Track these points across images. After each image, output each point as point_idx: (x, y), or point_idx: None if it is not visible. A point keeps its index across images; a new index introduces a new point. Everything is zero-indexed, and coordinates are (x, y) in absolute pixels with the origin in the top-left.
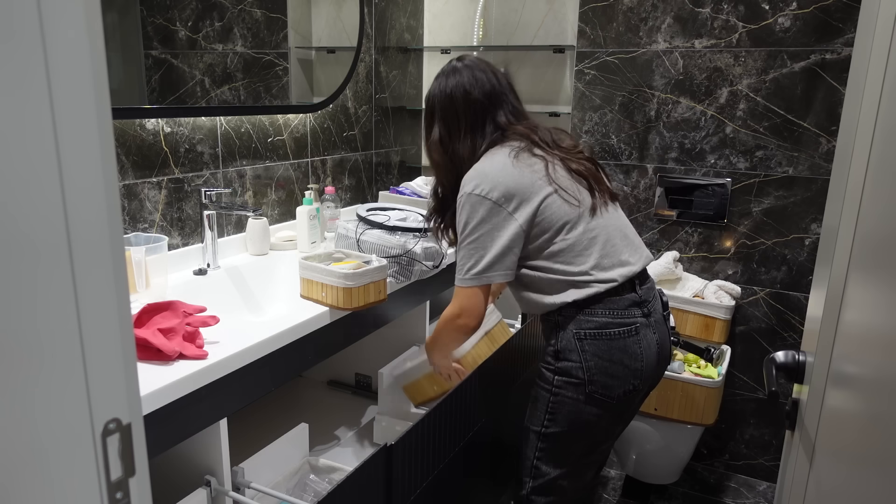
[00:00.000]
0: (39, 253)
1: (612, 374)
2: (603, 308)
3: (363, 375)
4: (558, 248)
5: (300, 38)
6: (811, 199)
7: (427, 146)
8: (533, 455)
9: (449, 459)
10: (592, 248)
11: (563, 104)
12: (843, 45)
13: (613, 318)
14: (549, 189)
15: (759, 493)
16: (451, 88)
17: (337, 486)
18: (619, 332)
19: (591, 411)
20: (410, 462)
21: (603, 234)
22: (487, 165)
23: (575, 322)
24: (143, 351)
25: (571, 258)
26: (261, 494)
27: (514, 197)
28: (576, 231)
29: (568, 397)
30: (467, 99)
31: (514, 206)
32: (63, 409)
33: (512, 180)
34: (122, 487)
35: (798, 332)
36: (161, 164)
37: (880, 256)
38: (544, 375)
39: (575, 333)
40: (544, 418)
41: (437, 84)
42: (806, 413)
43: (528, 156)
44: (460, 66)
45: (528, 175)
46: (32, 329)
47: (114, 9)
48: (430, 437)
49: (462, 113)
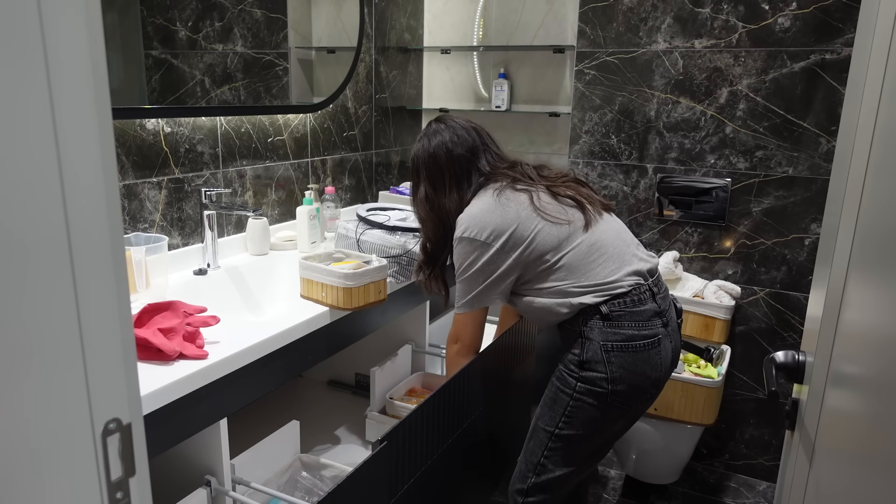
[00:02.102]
0: (40, 253)
1: (634, 385)
2: (629, 321)
3: (363, 375)
4: (559, 266)
5: (300, 38)
6: (811, 199)
7: (414, 204)
8: (541, 453)
9: (439, 454)
10: (592, 261)
11: (563, 104)
12: (842, 45)
13: (639, 331)
14: (536, 219)
15: (758, 493)
16: (433, 148)
17: (337, 487)
18: (643, 345)
19: (609, 417)
20: (402, 456)
21: (600, 245)
22: (476, 208)
23: (601, 333)
24: (143, 351)
25: (575, 274)
26: (259, 493)
27: (503, 234)
28: (572, 248)
29: (588, 404)
30: (450, 156)
31: (504, 243)
32: (63, 409)
33: (499, 218)
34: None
35: (798, 332)
36: (161, 164)
37: (880, 256)
38: (567, 381)
39: (602, 345)
40: (560, 420)
41: (421, 145)
42: (806, 413)
43: (511, 191)
44: (442, 127)
45: (514, 209)
46: (33, 329)
47: (114, 9)
48: (421, 432)
49: (446, 169)
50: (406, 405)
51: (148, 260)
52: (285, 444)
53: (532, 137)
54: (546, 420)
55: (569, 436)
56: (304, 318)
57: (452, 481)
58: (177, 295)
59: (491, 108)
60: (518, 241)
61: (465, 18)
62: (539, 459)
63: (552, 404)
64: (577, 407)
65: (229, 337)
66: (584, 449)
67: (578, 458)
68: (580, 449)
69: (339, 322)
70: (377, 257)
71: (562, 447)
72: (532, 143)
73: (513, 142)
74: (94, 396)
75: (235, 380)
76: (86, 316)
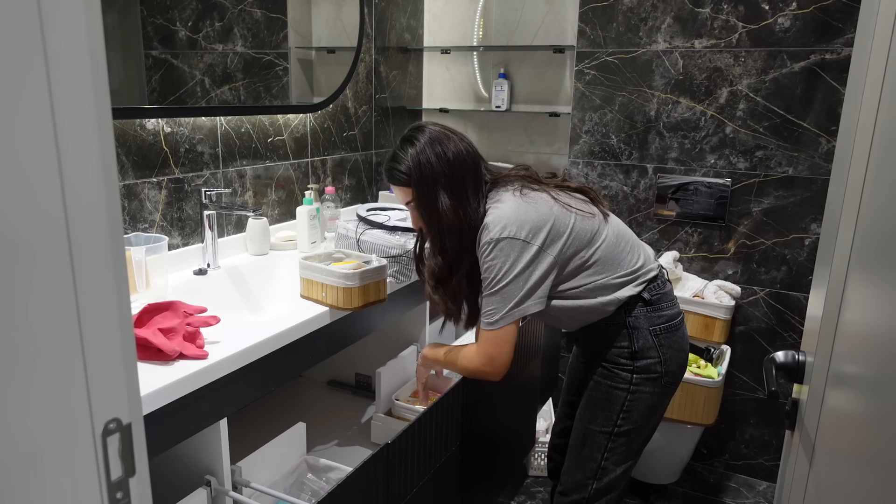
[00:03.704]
0: (40, 253)
1: (680, 362)
2: (666, 301)
3: (363, 375)
4: (594, 261)
5: (300, 38)
6: (811, 199)
7: (437, 216)
8: (601, 456)
9: (446, 458)
10: (620, 250)
11: (563, 104)
12: (842, 46)
13: (672, 309)
14: (567, 214)
15: (758, 493)
16: (450, 155)
17: (337, 486)
18: (678, 322)
19: (663, 401)
20: (407, 461)
21: (621, 234)
22: (506, 209)
23: (647, 320)
24: (143, 351)
25: (610, 266)
26: (260, 494)
27: (541, 230)
28: (603, 239)
29: (646, 392)
30: (463, 165)
31: (543, 240)
32: (63, 409)
33: (534, 215)
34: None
35: (798, 332)
36: (161, 164)
37: (880, 256)
38: (620, 376)
39: (651, 331)
40: (618, 418)
41: (432, 152)
42: (806, 413)
43: (530, 190)
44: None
45: (544, 206)
46: (33, 329)
47: (114, 9)
48: (427, 436)
49: (468, 176)
50: (412, 407)
51: (148, 260)
52: (292, 446)
53: (532, 137)
54: (601, 422)
55: (628, 430)
56: (304, 318)
57: (457, 484)
58: (177, 295)
59: (491, 108)
60: (556, 236)
61: (465, 18)
62: (599, 463)
63: (605, 404)
64: (635, 399)
65: (229, 337)
66: (640, 439)
67: (636, 449)
68: (638, 441)
69: (339, 322)
70: (377, 257)
71: (622, 443)
72: (532, 143)
73: (513, 142)
74: (94, 396)
75: (235, 380)
76: (86, 316)
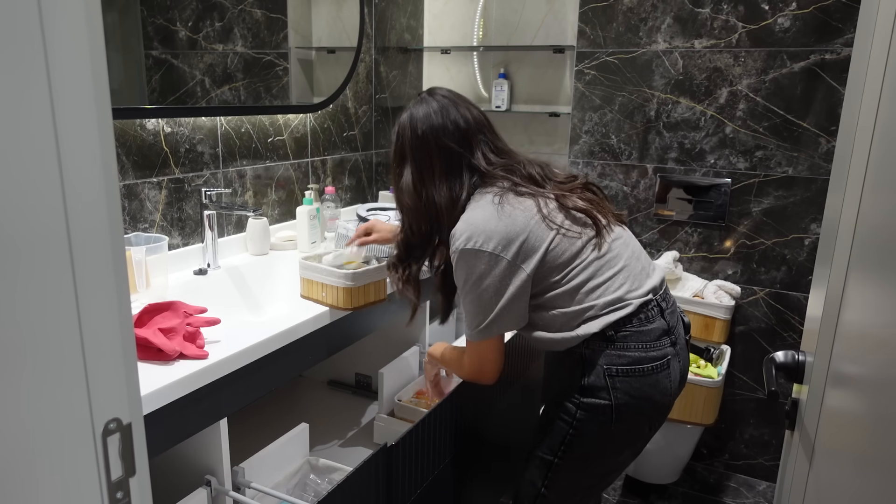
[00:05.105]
0: (41, 253)
1: (640, 412)
2: (634, 342)
3: (363, 375)
4: (570, 285)
5: (300, 39)
6: (811, 199)
7: (397, 189)
8: (541, 483)
9: (449, 460)
10: (603, 279)
11: (563, 104)
12: (842, 46)
13: (646, 353)
14: (547, 230)
15: (758, 493)
16: (421, 130)
17: (337, 486)
18: (650, 368)
19: (612, 448)
20: (410, 462)
21: (612, 261)
22: (477, 215)
23: (605, 357)
24: (143, 351)
25: (584, 292)
26: (261, 494)
27: (512, 243)
28: (583, 265)
29: (589, 431)
30: (439, 143)
31: (516, 253)
32: (64, 409)
33: (504, 227)
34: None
35: (798, 332)
36: (161, 164)
37: (880, 256)
38: (566, 408)
39: (606, 370)
40: (558, 450)
41: (408, 120)
42: (805, 413)
43: (514, 196)
44: (434, 105)
45: (521, 217)
46: (33, 329)
47: (114, 9)
48: (430, 437)
49: (435, 158)
50: (415, 407)
51: (148, 260)
52: (295, 446)
53: (532, 137)
54: (544, 448)
55: (568, 466)
56: (304, 318)
57: (459, 485)
58: (177, 295)
59: (491, 108)
60: (530, 252)
61: (465, 18)
62: (539, 490)
63: (551, 432)
64: (579, 436)
65: (229, 337)
66: (585, 481)
67: (580, 489)
68: (581, 480)
69: (340, 322)
70: (377, 257)
71: (562, 478)
72: (532, 143)
73: (513, 142)
74: (95, 396)
75: (235, 380)
76: (86, 316)
